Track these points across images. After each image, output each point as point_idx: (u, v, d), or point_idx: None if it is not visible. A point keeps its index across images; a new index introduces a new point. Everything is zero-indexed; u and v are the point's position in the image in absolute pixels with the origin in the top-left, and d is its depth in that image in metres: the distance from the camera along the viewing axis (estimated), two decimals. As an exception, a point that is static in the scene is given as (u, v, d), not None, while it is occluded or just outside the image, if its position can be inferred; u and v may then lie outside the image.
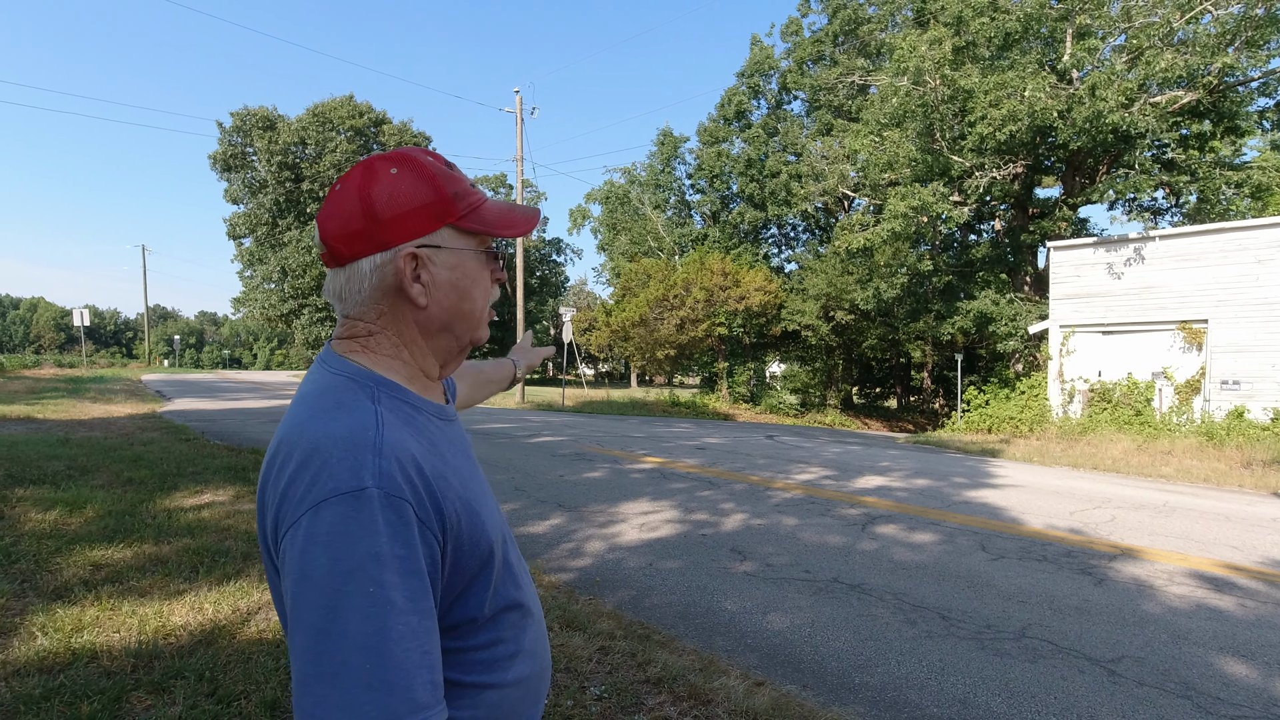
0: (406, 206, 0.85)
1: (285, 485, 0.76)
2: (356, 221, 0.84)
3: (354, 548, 0.72)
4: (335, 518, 0.72)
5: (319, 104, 40.27)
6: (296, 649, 0.71)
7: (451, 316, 0.91)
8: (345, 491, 0.73)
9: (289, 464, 0.77)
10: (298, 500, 0.74)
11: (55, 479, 6.09)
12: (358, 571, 0.71)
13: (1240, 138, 17.76)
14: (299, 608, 0.71)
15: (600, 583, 4.29)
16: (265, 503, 0.80)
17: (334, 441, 0.76)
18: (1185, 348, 14.22)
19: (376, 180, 0.85)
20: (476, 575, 0.85)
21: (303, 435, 0.78)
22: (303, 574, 0.72)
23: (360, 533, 0.72)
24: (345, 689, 0.68)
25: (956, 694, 2.97)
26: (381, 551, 0.72)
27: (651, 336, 26.66)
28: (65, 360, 42.26)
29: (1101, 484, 8.64)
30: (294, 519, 0.74)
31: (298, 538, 0.73)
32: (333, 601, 0.70)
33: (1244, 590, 4.39)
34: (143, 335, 61.30)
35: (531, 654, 0.95)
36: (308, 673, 0.70)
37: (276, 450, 0.80)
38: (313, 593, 0.71)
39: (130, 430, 10.08)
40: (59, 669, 2.74)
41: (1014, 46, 18.02)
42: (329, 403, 0.82)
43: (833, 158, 24.18)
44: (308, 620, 0.71)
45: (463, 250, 0.89)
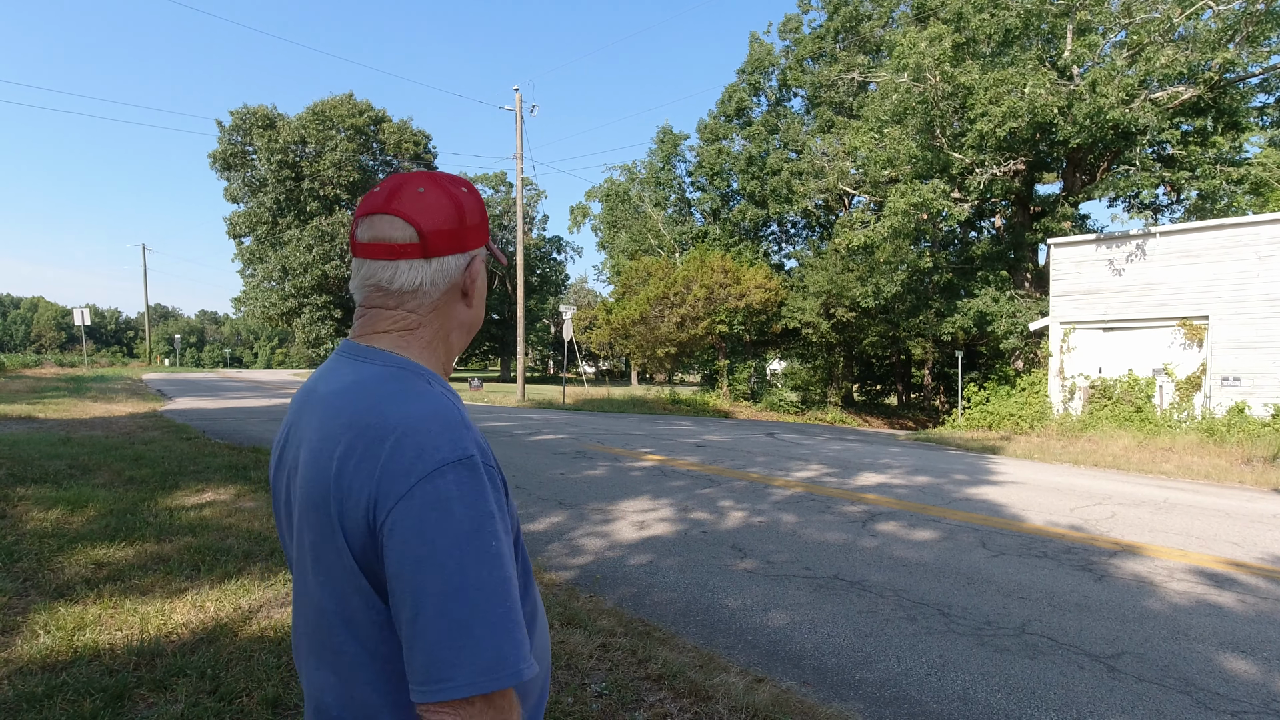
0: (477, 219, 0.97)
1: (385, 462, 0.80)
2: (451, 223, 0.94)
3: (474, 508, 0.79)
4: (451, 483, 0.79)
5: (319, 102, 40.23)
6: (429, 608, 0.76)
7: (476, 318, 1.03)
8: (455, 460, 0.80)
9: (381, 444, 0.81)
10: (405, 472, 0.79)
11: (57, 478, 6.10)
12: (480, 529, 0.79)
13: (1241, 134, 17.72)
14: (427, 569, 0.76)
15: (601, 580, 4.29)
16: (346, 487, 0.82)
17: (426, 420, 0.83)
18: (1186, 344, 14.21)
19: (457, 192, 0.96)
20: (517, 541, 0.94)
21: (386, 418, 0.83)
22: (425, 538, 0.77)
23: (475, 495, 0.80)
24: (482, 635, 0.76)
25: (956, 690, 2.98)
26: (493, 511, 0.81)
27: (652, 334, 26.66)
28: (66, 359, 42.28)
29: (1102, 481, 8.64)
30: (404, 490, 0.79)
31: (414, 506, 0.78)
32: (461, 560, 0.77)
33: (1244, 586, 4.39)
34: (143, 334, 61.33)
35: (541, 652, 0.99)
36: (443, 627, 0.75)
37: (356, 436, 0.83)
38: (440, 555, 0.77)
39: (131, 429, 10.09)
40: (61, 667, 2.75)
41: (1014, 43, 17.99)
42: (398, 389, 0.87)
43: (833, 155, 24.15)
44: (439, 580, 0.76)
45: (485, 266, 1.03)
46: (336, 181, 38.71)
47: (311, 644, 0.90)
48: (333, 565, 0.85)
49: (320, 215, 38.58)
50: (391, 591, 0.79)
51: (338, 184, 38.85)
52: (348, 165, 38.60)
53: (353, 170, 38.81)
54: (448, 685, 0.75)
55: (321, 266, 37.11)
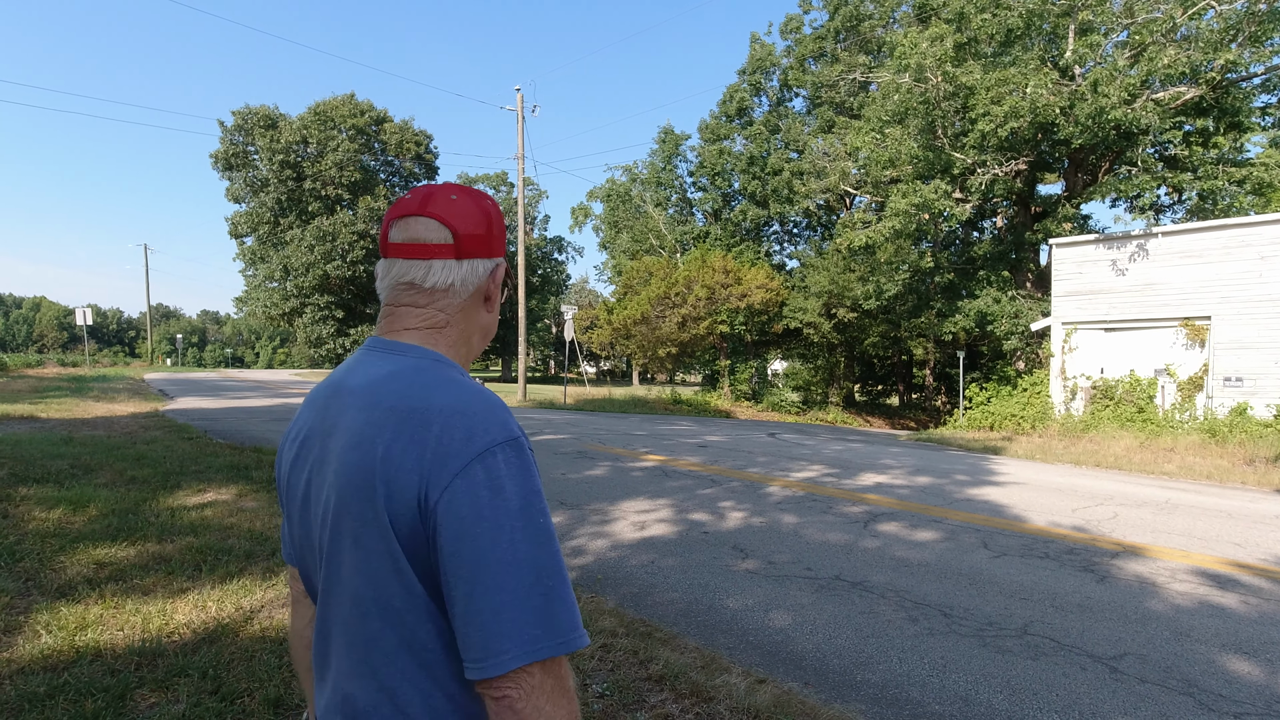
0: (501, 230, 1.03)
1: (435, 445, 0.83)
2: (482, 228, 0.99)
3: (525, 484, 0.83)
4: (503, 462, 0.82)
5: (320, 103, 40.25)
6: (485, 584, 0.79)
7: (491, 325, 1.06)
8: (503, 440, 0.84)
9: (429, 428, 0.84)
10: (458, 453, 0.82)
11: (59, 478, 6.11)
12: (530, 506, 0.82)
13: (1243, 134, 17.69)
14: (482, 546, 0.79)
15: (602, 580, 4.29)
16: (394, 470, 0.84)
17: (471, 404, 0.86)
18: (1188, 345, 14.19)
19: (485, 202, 1.01)
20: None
21: (431, 402, 0.86)
22: (480, 516, 0.80)
23: (525, 473, 0.84)
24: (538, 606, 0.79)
25: (958, 691, 2.97)
26: (539, 489, 0.85)
27: (653, 334, 26.67)
28: (68, 359, 42.33)
29: (1104, 481, 8.63)
30: (459, 468, 0.81)
31: (468, 485, 0.81)
32: (513, 537, 0.80)
33: (1247, 587, 4.39)
34: (145, 334, 61.42)
35: None
36: (500, 601, 0.78)
37: (401, 421, 0.86)
38: (495, 531, 0.80)
39: (133, 429, 10.10)
40: (63, 667, 2.75)
41: (1016, 43, 17.97)
42: (437, 377, 0.91)
43: (834, 155, 24.14)
44: (493, 556, 0.79)
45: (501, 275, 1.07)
46: (338, 181, 38.74)
47: (346, 636, 0.91)
48: (373, 551, 0.86)
49: (322, 215, 38.59)
50: (444, 571, 0.81)
51: (339, 184, 38.88)
52: (349, 165, 38.63)
53: (354, 170, 38.84)
54: (504, 657, 0.78)
55: (323, 266, 37.12)
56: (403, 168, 43.26)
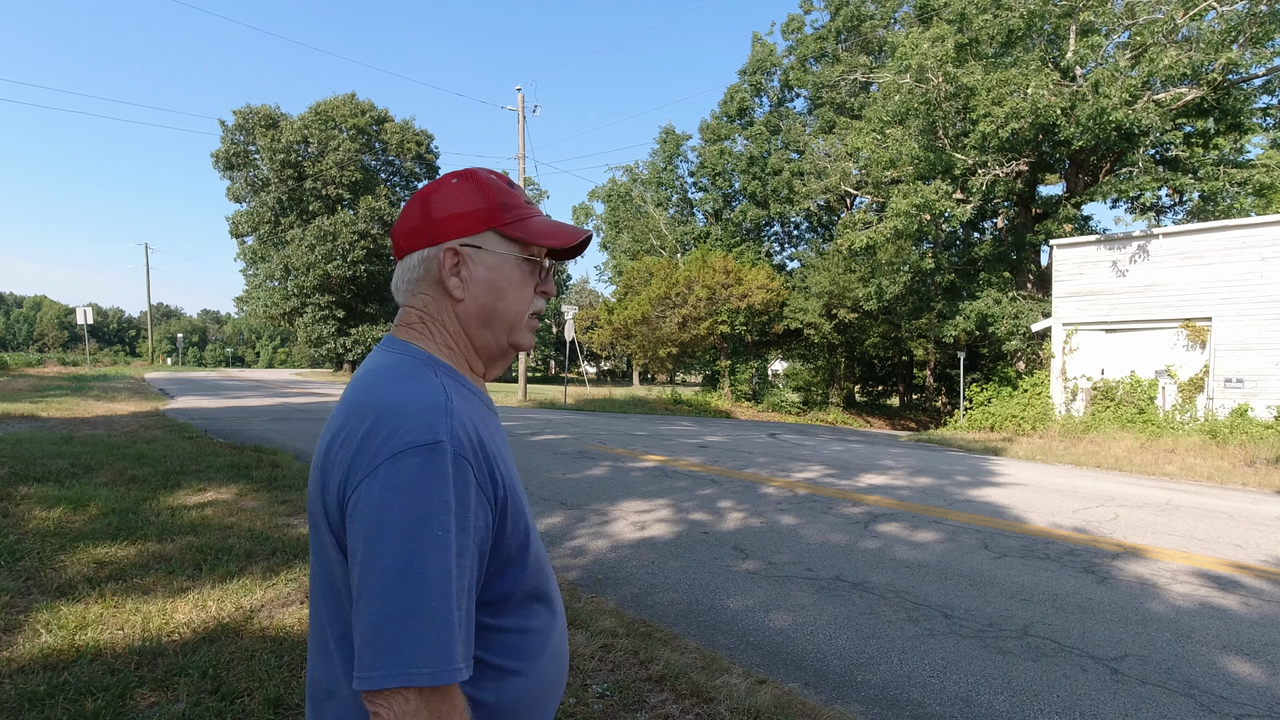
0: (457, 209, 0.96)
1: (360, 440, 0.82)
2: (414, 220, 0.96)
3: (430, 495, 0.78)
4: (414, 467, 0.79)
5: (321, 102, 40.26)
6: (370, 590, 0.75)
7: (487, 314, 0.99)
8: (422, 444, 0.80)
9: (364, 422, 0.83)
10: (375, 451, 0.80)
11: (59, 477, 6.11)
12: (433, 518, 0.77)
13: (1243, 135, 17.69)
14: (376, 551, 0.76)
15: (602, 580, 4.29)
16: (331, 462, 0.85)
17: (408, 402, 0.84)
18: (1189, 346, 14.18)
19: (439, 189, 0.98)
20: (515, 555, 0.91)
21: (377, 399, 0.85)
22: (380, 519, 0.77)
23: (436, 481, 0.79)
24: (418, 625, 0.74)
25: (959, 692, 2.97)
26: (450, 500, 0.79)
27: (654, 334, 26.67)
28: (69, 358, 42.33)
29: (1104, 482, 8.62)
30: (371, 468, 0.79)
31: (375, 486, 0.78)
32: (409, 545, 0.76)
33: (1248, 589, 4.38)
34: (146, 333, 61.42)
35: (557, 653, 0.99)
36: (382, 610, 0.74)
37: (348, 414, 0.86)
38: (391, 537, 0.76)
39: (134, 428, 10.10)
40: (63, 666, 2.75)
41: (1017, 43, 17.96)
42: (398, 374, 0.90)
43: (835, 155, 24.14)
44: (384, 563, 0.75)
45: (503, 255, 0.98)
46: (339, 181, 38.73)
47: (314, 620, 0.93)
48: (324, 539, 0.88)
49: (322, 215, 38.59)
50: (349, 567, 0.80)
51: (340, 184, 38.87)
52: (350, 165, 38.63)
53: (355, 170, 38.84)
54: (377, 674, 0.74)
55: (324, 266, 37.12)
56: (404, 168, 43.26)
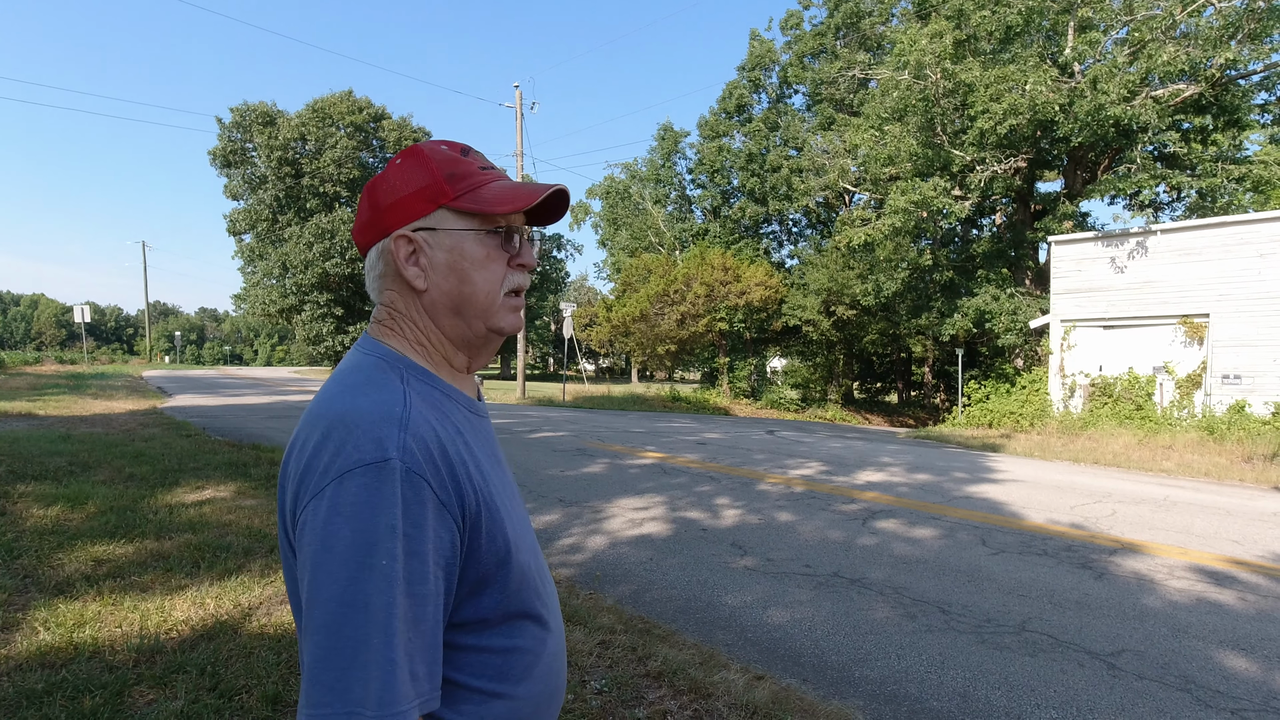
0: (403, 192, 0.87)
1: (309, 456, 0.76)
2: (365, 213, 0.90)
3: (376, 519, 0.72)
4: (359, 488, 0.72)
5: (318, 100, 40.15)
6: (315, 622, 0.71)
7: (456, 300, 0.90)
8: (370, 462, 0.73)
9: (314, 434, 0.78)
10: (322, 470, 0.74)
11: (57, 475, 6.10)
12: (379, 544, 0.71)
13: (1242, 131, 17.69)
14: (320, 579, 0.71)
15: (601, 577, 4.29)
16: (286, 476, 0.81)
17: (360, 415, 0.77)
18: (1186, 342, 14.20)
19: (385, 174, 0.89)
20: (493, 572, 0.84)
21: (329, 409, 0.79)
22: (325, 544, 0.72)
23: (382, 504, 0.72)
24: (364, 662, 0.69)
25: (956, 687, 2.98)
26: (396, 525, 0.73)
27: (652, 332, 26.66)
28: (66, 357, 42.27)
29: (1102, 479, 8.64)
30: (318, 489, 0.74)
31: (320, 507, 0.73)
32: (355, 573, 0.70)
33: (1244, 584, 4.39)
34: (144, 331, 61.34)
35: (547, 672, 0.92)
36: (326, 644, 0.70)
37: (304, 422, 0.81)
38: (334, 564, 0.71)
39: (132, 426, 10.09)
40: (61, 664, 2.75)
41: (1015, 40, 17.95)
42: (359, 380, 0.83)
43: (834, 152, 24.11)
44: (329, 592, 0.70)
45: (462, 232, 0.88)
46: (336, 179, 38.65)
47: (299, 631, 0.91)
48: (289, 562, 0.84)
49: (320, 213, 38.52)
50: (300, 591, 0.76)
51: (337, 181, 38.79)
52: (347, 162, 38.54)
53: (353, 167, 38.75)
54: (321, 712, 0.69)
55: (322, 264, 37.06)
56: (401, 165, 43.14)
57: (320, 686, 0.69)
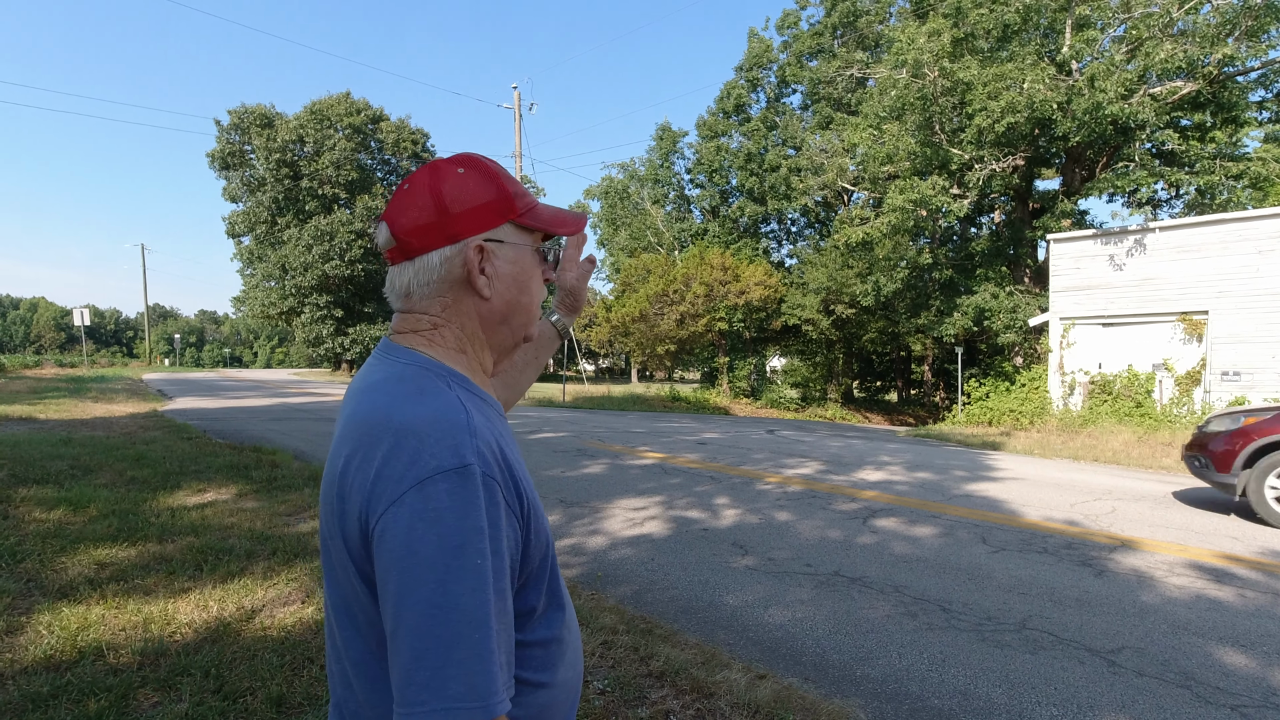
0: (474, 202, 0.90)
1: (380, 465, 0.77)
2: (428, 215, 0.89)
3: (462, 522, 0.74)
4: (443, 494, 0.75)
5: (316, 101, 40.14)
6: (406, 625, 0.72)
7: (510, 309, 0.95)
8: (450, 468, 0.76)
9: (379, 446, 0.79)
10: (398, 478, 0.76)
11: (58, 478, 6.11)
12: (467, 546, 0.74)
13: (1240, 128, 17.70)
14: (409, 585, 0.73)
15: (602, 577, 4.31)
16: (348, 488, 0.81)
17: (428, 423, 0.79)
18: (1186, 339, 14.22)
19: (445, 179, 0.90)
20: (537, 568, 0.89)
21: (390, 419, 0.80)
22: (410, 549, 0.73)
23: (467, 508, 0.75)
24: (461, 659, 0.72)
25: (957, 685, 2.99)
26: (483, 526, 0.76)
27: (652, 332, 26.67)
28: (66, 360, 42.27)
29: (1102, 476, 8.65)
30: (395, 496, 0.75)
31: (402, 514, 0.74)
32: (444, 576, 0.73)
33: (1243, 581, 4.41)
34: (143, 334, 61.31)
35: (575, 659, 0.97)
36: (421, 645, 0.72)
37: (360, 435, 0.82)
38: (423, 569, 0.73)
39: (132, 429, 10.10)
40: (66, 667, 2.76)
41: (1013, 38, 17.96)
42: (410, 389, 0.84)
43: (832, 151, 24.12)
44: (419, 595, 0.72)
45: (521, 246, 0.94)
46: (335, 181, 38.65)
47: (329, 639, 0.91)
48: (336, 560, 0.85)
49: (319, 214, 38.51)
50: (379, 599, 0.77)
51: (336, 183, 38.80)
52: (346, 164, 38.53)
53: (351, 169, 38.75)
54: (421, 710, 0.71)
55: (321, 266, 37.06)
56: (400, 166, 43.17)
57: (415, 686, 0.71)
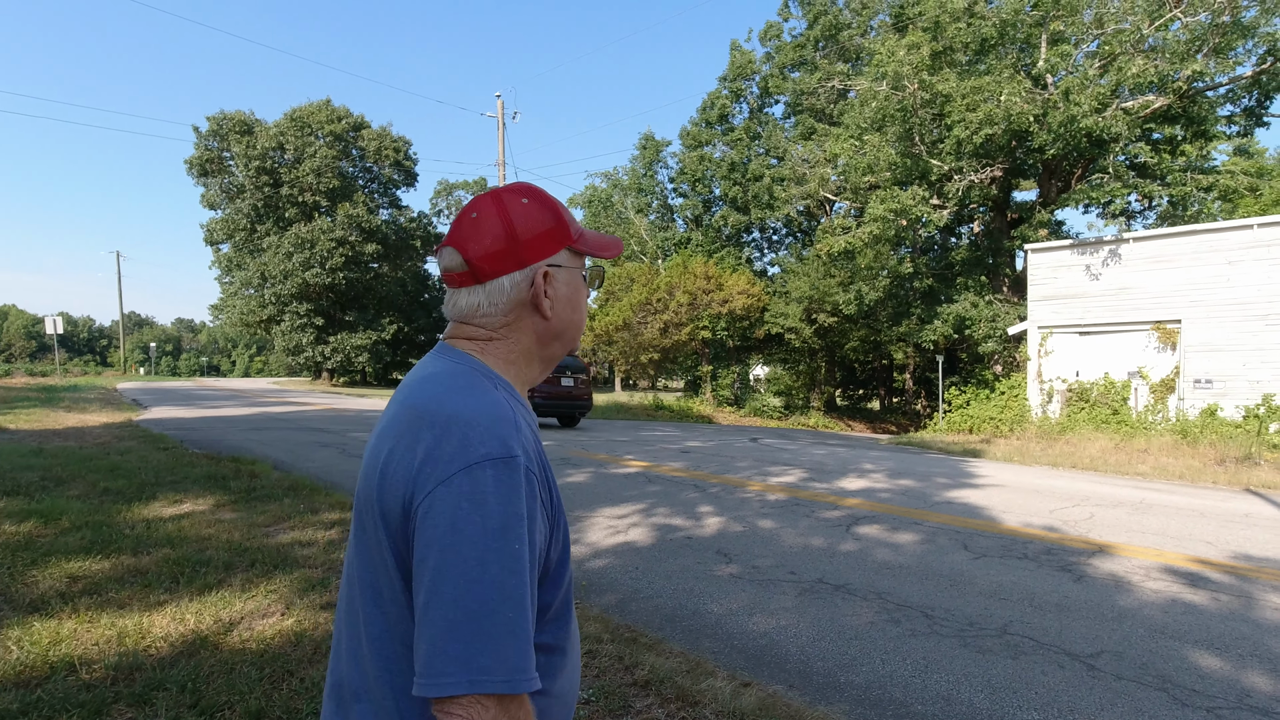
0: (539, 230, 0.99)
1: (430, 447, 0.83)
2: (501, 244, 0.97)
3: (506, 507, 0.80)
4: (490, 479, 0.81)
5: (296, 108, 39.90)
6: (444, 598, 0.77)
7: (564, 326, 1.03)
8: (498, 457, 0.82)
9: (429, 430, 0.85)
10: (448, 460, 0.81)
11: (29, 490, 5.98)
12: (508, 530, 0.80)
13: (1209, 142, 18.15)
14: (450, 561, 0.77)
15: (586, 586, 4.29)
16: (393, 466, 0.86)
17: (478, 414, 0.86)
18: (1160, 348, 14.49)
19: (513, 209, 0.98)
20: (555, 567, 0.94)
21: (442, 407, 0.87)
22: (455, 527, 0.78)
23: (511, 495, 0.81)
24: (492, 633, 0.76)
25: (940, 691, 3.01)
26: (524, 514, 0.82)
27: (635, 340, 26.67)
28: (37, 369, 41.45)
29: (1080, 482, 8.77)
30: (444, 476, 0.81)
31: (449, 495, 0.80)
32: (484, 555, 0.78)
33: (1217, 584, 4.48)
34: (118, 343, 60.28)
35: (574, 674, 1.01)
36: (455, 618, 0.76)
37: (410, 419, 0.88)
38: (465, 545, 0.78)
39: (106, 439, 9.91)
40: (36, 683, 2.69)
41: (990, 52, 18.30)
42: (461, 384, 0.91)
43: (814, 161, 24.38)
44: (459, 570, 0.77)
45: (574, 269, 1.04)
46: (316, 188, 38.38)
47: (347, 618, 0.94)
48: (371, 539, 0.89)
49: (300, 222, 38.20)
50: (414, 574, 0.81)
51: (317, 190, 38.52)
52: (327, 172, 38.28)
53: (332, 177, 38.50)
54: (448, 680, 0.75)
55: (301, 274, 36.71)
56: (382, 174, 43.00)
57: (444, 657, 0.76)
